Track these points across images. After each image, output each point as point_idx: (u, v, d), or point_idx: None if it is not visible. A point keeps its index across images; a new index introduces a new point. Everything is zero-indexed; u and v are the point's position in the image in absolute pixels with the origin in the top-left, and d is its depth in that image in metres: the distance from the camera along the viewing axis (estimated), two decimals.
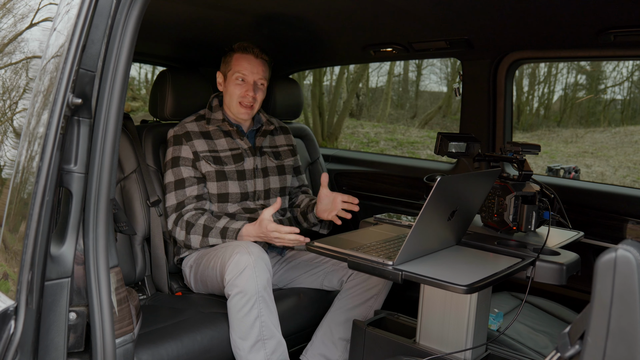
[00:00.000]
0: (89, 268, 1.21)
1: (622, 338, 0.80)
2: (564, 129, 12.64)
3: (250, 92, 2.31)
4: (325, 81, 12.84)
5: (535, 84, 14.28)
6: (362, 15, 2.34)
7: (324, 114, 10.86)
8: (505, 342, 1.91)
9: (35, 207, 0.97)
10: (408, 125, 13.17)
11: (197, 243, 2.18)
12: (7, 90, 1.23)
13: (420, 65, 15.00)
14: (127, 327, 1.30)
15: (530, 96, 14.20)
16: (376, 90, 14.98)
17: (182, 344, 1.84)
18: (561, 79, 14.40)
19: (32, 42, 1.20)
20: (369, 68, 13.82)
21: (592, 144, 11.16)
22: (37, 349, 1.06)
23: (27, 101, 1.08)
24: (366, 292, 2.21)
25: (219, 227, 2.17)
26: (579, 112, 13.53)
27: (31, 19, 1.25)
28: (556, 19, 2.09)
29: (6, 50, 1.26)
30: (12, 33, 1.32)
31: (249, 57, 2.32)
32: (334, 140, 10.77)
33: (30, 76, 1.09)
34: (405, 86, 15.55)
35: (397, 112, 14.88)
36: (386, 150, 10.78)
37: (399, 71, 15.19)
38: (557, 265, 1.56)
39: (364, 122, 13.22)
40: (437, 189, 1.38)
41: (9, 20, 1.34)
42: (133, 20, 1.23)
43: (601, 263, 0.83)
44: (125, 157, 2.31)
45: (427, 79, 15.87)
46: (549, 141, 11.72)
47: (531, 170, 1.85)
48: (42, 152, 0.97)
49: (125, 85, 1.24)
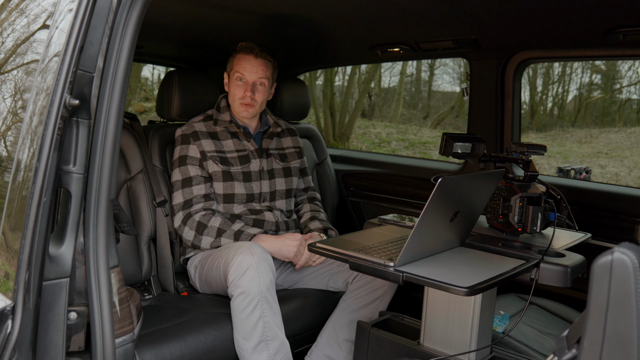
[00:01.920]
0: (89, 268, 1.22)
1: (619, 342, 0.79)
2: (578, 129, 12.50)
3: (248, 92, 2.32)
4: (337, 81, 12.83)
5: (549, 83, 14.14)
6: (369, 15, 2.34)
7: (335, 115, 10.85)
8: (510, 344, 1.89)
9: (32, 207, 0.97)
10: (420, 126, 13.11)
11: (208, 244, 2.20)
12: (11, 89, 1.24)
13: (433, 66, 14.92)
14: (127, 327, 1.30)
15: (544, 96, 14.07)
16: (388, 90, 14.92)
17: (186, 344, 1.85)
18: (575, 78, 14.24)
19: (36, 42, 1.21)
20: (382, 68, 13.78)
21: (607, 144, 11.03)
22: (36, 348, 1.07)
23: (28, 101, 1.09)
24: (371, 294, 2.20)
25: (234, 229, 2.19)
26: (594, 112, 13.37)
27: (40, 19, 1.26)
28: (564, 18, 2.07)
29: (10, 49, 1.27)
30: (19, 33, 1.33)
31: (249, 58, 2.33)
32: (345, 141, 10.75)
33: (31, 76, 1.09)
34: (417, 86, 15.48)
35: (409, 113, 14.82)
36: (397, 150, 10.74)
37: (411, 71, 15.13)
38: (561, 267, 1.54)
39: (376, 122, 13.18)
40: (439, 189, 1.37)
41: (20, 20, 1.35)
42: (133, 21, 1.23)
43: (597, 266, 0.81)
44: (132, 158, 2.33)
45: (440, 79, 15.77)
46: (562, 141, 11.60)
47: (537, 171, 1.83)
48: (39, 152, 0.97)
49: (125, 86, 1.24)
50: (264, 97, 2.38)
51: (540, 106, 13.89)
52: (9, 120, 1.21)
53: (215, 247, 2.19)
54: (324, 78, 11.13)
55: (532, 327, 2.05)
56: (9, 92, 1.22)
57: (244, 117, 2.37)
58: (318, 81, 11.61)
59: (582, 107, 13.34)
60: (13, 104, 1.18)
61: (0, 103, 1.23)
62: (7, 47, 1.24)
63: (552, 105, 14.22)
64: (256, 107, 2.36)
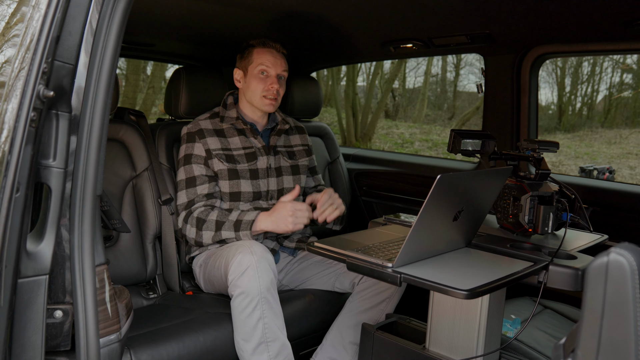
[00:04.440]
0: (73, 265, 1.19)
1: (615, 352, 0.72)
2: (607, 129, 12.19)
3: (275, 84, 2.29)
4: (361, 81, 12.75)
5: (577, 83, 13.83)
6: (381, 11, 2.28)
7: (357, 114, 10.77)
8: (520, 349, 1.81)
9: (4, 202, 0.94)
10: (445, 126, 12.95)
11: (210, 239, 2.15)
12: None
13: (459, 65, 14.74)
14: (114, 326, 1.27)
15: (572, 96, 13.77)
16: (413, 90, 14.79)
17: (184, 344, 1.81)
18: (605, 78, 13.90)
19: (15, 29, 1.18)
20: (406, 68, 13.66)
21: (637, 144, 10.72)
22: (11, 347, 1.04)
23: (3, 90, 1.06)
24: (378, 295, 2.13)
25: (232, 220, 2.13)
26: (625, 112, 13.03)
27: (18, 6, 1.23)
28: (582, 10, 1.98)
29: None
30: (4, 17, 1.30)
31: (272, 51, 2.31)
32: (367, 141, 10.67)
33: (7, 65, 1.06)
34: (443, 86, 15.31)
35: (434, 113, 14.67)
36: (421, 151, 10.62)
37: (436, 71, 14.97)
38: (572, 270, 1.46)
39: (399, 122, 13.06)
40: (437, 187, 1.31)
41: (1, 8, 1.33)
42: (119, 13, 1.20)
43: (592, 269, 0.74)
44: (138, 155, 2.31)
45: (466, 79, 15.56)
46: (591, 142, 11.33)
47: (549, 169, 1.75)
48: (10, 145, 0.94)
49: (111, 79, 1.21)
50: (284, 90, 2.38)
51: (569, 106, 13.60)
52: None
53: (218, 241, 2.15)
54: (346, 78, 11.08)
55: (545, 332, 1.96)
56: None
57: (268, 110, 2.34)
58: (342, 82, 11.56)
59: (612, 107, 13.01)
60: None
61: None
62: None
63: (581, 105, 13.91)
64: (279, 100, 2.35)
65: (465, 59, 14.31)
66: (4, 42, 1.04)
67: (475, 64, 14.42)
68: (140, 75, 9.81)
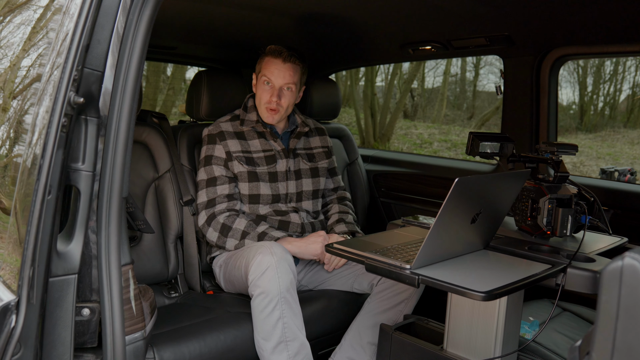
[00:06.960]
0: (100, 265, 1.23)
1: (629, 355, 0.73)
2: (630, 129, 12.00)
3: (275, 97, 2.29)
4: (380, 81, 12.72)
5: (600, 82, 13.63)
6: (400, 13, 2.30)
7: (375, 115, 10.76)
8: (538, 352, 1.81)
9: (36, 203, 0.99)
10: (464, 127, 12.87)
11: (233, 246, 2.20)
12: (21, 85, 1.27)
13: (478, 65, 14.62)
14: (139, 324, 1.31)
15: (594, 95, 13.58)
16: (432, 90, 14.71)
17: (205, 343, 1.85)
18: (629, 77, 13.68)
19: (45, 38, 1.22)
20: (425, 68, 13.60)
21: None
22: (42, 343, 1.08)
23: (37, 97, 1.11)
24: (396, 296, 2.15)
25: (258, 232, 2.19)
26: None
27: (47, 13, 1.28)
28: (601, 11, 1.98)
29: (24, 46, 1.29)
30: (27, 28, 1.35)
31: (277, 62, 2.29)
32: (385, 142, 10.66)
33: (40, 72, 1.11)
34: (462, 86, 15.21)
35: (453, 113, 14.58)
36: (439, 151, 10.57)
37: (455, 71, 14.88)
38: (590, 273, 1.46)
39: (418, 123, 13.01)
40: (455, 189, 1.32)
41: (33, 15, 1.38)
42: (145, 20, 1.23)
43: (606, 273, 0.76)
44: (160, 157, 2.35)
45: (485, 79, 15.42)
46: (613, 142, 11.17)
47: (567, 172, 1.75)
48: (43, 149, 0.98)
49: (137, 84, 1.25)
50: (290, 101, 2.35)
51: (590, 106, 13.41)
52: (17, 117, 1.24)
53: (240, 247, 2.19)
54: (365, 78, 11.07)
55: (564, 335, 1.96)
56: (20, 88, 1.24)
57: (269, 122, 2.36)
58: (361, 82, 11.56)
59: (635, 107, 12.80)
60: (26, 101, 1.20)
61: (13, 100, 1.25)
62: (17, 43, 1.26)
63: (603, 104, 13.71)
64: (281, 112, 2.34)
65: (485, 59, 14.17)
66: (31, 46, 1.09)
67: (495, 63, 14.29)
68: (160, 77, 9.93)
